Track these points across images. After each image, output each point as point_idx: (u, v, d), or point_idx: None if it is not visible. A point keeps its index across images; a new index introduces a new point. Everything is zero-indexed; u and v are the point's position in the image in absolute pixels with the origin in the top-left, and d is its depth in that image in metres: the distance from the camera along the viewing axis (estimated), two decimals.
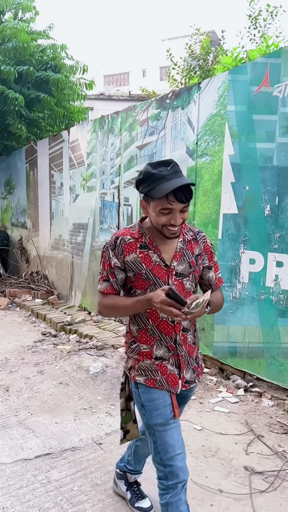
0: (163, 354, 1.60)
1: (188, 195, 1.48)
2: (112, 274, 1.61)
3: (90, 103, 20.47)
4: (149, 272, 1.56)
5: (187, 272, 1.60)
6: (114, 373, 3.55)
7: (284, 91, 3.03)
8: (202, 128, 3.76)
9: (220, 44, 14.77)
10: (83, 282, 5.79)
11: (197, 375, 1.71)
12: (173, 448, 1.57)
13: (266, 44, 9.78)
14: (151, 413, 1.58)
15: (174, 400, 1.61)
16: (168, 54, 13.47)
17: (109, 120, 5.05)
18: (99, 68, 37.76)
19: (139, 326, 1.63)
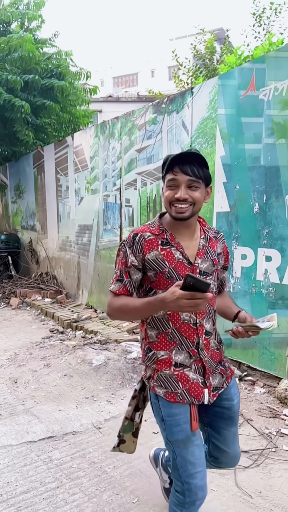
0: (184, 360, 1.47)
1: (196, 170, 1.41)
2: (126, 273, 1.49)
3: (99, 106, 20.80)
4: (172, 270, 1.45)
5: (211, 270, 1.52)
6: (116, 365, 3.76)
7: (268, 94, 3.20)
8: (196, 131, 3.94)
9: (225, 43, 14.89)
10: (89, 281, 6.01)
11: (226, 379, 1.57)
12: (193, 466, 1.46)
13: (269, 42, 9.89)
14: (171, 428, 1.46)
15: (194, 411, 1.47)
16: (174, 55, 13.65)
17: (110, 125, 5.27)
18: (108, 70, 38.11)
19: (158, 330, 1.50)
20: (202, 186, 1.45)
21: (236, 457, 1.68)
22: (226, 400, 1.55)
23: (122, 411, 3.02)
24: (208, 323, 1.51)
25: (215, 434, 1.58)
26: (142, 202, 4.79)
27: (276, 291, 3.22)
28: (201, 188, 1.45)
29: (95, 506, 2.04)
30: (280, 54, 3.12)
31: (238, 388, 1.66)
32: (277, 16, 13.80)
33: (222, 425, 1.57)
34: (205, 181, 1.46)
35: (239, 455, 1.69)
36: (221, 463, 1.70)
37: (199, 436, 1.50)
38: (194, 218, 1.50)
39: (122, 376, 3.59)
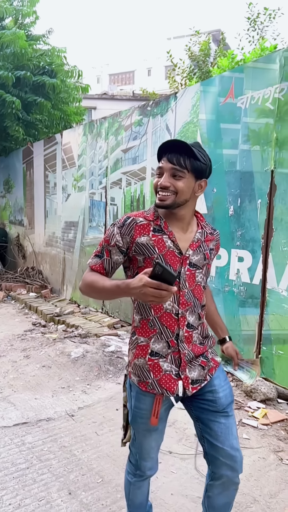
0: (161, 349, 1.45)
1: (182, 159, 1.40)
2: (107, 251, 1.48)
3: (93, 103, 20.86)
4: (161, 258, 1.43)
5: (202, 263, 1.51)
6: (93, 358, 3.89)
7: (246, 102, 3.35)
8: (178, 135, 4.08)
9: (220, 45, 15.06)
10: (74, 277, 6.13)
11: (209, 370, 1.52)
12: (147, 453, 1.56)
13: (261, 47, 10.09)
14: (135, 418, 1.51)
15: (157, 406, 1.45)
16: (169, 56, 13.79)
17: (98, 125, 5.39)
18: (105, 67, 38.10)
19: (141, 315, 1.49)
20: (189, 176, 1.42)
21: (237, 457, 1.48)
22: (209, 392, 1.49)
23: (96, 401, 3.17)
24: (192, 316, 1.47)
25: (206, 428, 1.50)
26: (127, 201, 4.93)
27: (247, 290, 3.38)
28: (186, 178, 1.41)
29: (61, 485, 2.17)
30: (257, 65, 3.28)
31: (226, 380, 1.56)
32: (271, 22, 14.03)
33: (210, 417, 1.49)
34: (194, 173, 1.42)
35: (239, 455, 1.50)
36: (220, 468, 1.49)
37: (160, 431, 1.55)
38: (184, 210, 1.47)
39: (98, 368, 3.72)
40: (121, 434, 2.20)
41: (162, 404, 1.48)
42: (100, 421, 2.86)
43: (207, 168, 1.47)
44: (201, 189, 1.48)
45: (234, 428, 1.51)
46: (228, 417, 1.50)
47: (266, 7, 13.47)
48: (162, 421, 1.53)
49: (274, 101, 3.09)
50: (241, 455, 1.51)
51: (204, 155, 1.45)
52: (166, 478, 2.25)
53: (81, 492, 2.12)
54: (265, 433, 2.73)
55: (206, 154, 1.47)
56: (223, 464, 1.48)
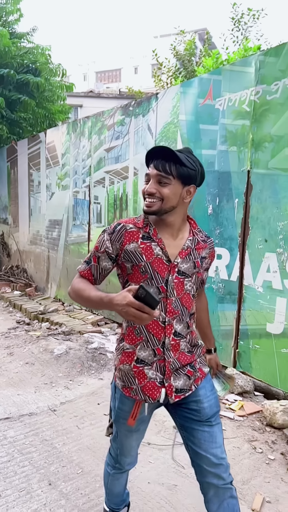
0: (147, 357, 1.46)
1: (168, 166, 1.39)
2: (95, 257, 1.49)
3: (80, 101, 20.79)
4: (148, 265, 1.43)
5: (191, 272, 1.48)
6: (76, 354, 3.95)
7: (223, 104, 3.45)
8: (159, 134, 4.16)
9: (205, 45, 15.18)
10: (58, 275, 6.17)
11: (195, 381, 1.50)
12: (127, 450, 1.62)
13: (244, 48, 10.24)
14: (118, 418, 1.55)
15: (136, 409, 1.48)
16: (154, 54, 13.85)
17: (81, 124, 5.43)
18: (91, 64, 37.94)
19: (128, 323, 1.50)
20: (175, 183, 1.41)
21: (222, 465, 1.46)
22: (194, 402, 1.49)
23: (78, 396, 3.23)
24: (179, 324, 1.47)
25: (190, 436, 1.49)
26: (110, 199, 4.99)
27: (225, 286, 3.48)
28: (172, 184, 1.40)
29: (41, 476, 2.24)
30: (234, 68, 3.37)
31: (213, 391, 1.55)
32: (255, 22, 14.20)
33: (193, 426, 1.48)
34: (181, 179, 1.41)
35: (225, 463, 1.47)
36: (206, 476, 1.47)
37: (141, 432, 1.59)
38: (173, 217, 1.46)
39: (81, 364, 3.79)
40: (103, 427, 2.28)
41: (144, 409, 1.51)
42: (81, 415, 2.93)
43: (197, 174, 1.45)
44: (189, 195, 1.45)
45: (218, 437, 1.48)
46: (212, 426, 1.48)
47: (249, 8, 13.65)
48: (144, 423, 1.58)
49: (250, 103, 3.19)
50: (227, 463, 1.48)
51: (193, 160, 1.44)
52: (144, 468, 2.33)
53: (61, 483, 2.19)
54: (241, 424, 2.83)
55: (196, 160, 1.46)
56: (208, 473, 1.46)
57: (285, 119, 2.96)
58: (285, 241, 2.97)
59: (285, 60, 2.93)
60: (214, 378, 1.86)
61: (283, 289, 2.98)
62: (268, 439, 2.63)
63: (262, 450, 2.52)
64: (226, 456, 1.50)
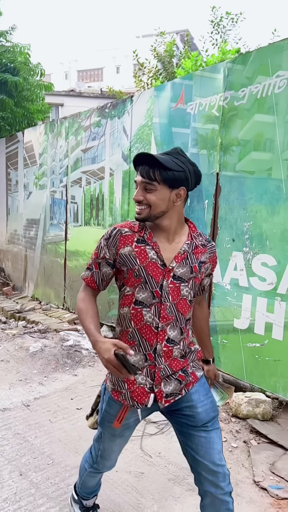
0: (137, 361, 1.45)
1: (152, 172, 1.37)
2: (96, 264, 1.50)
3: (61, 100, 20.69)
4: (141, 269, 1.42)
5: (187, 277, 1.45)
6: (51, 352, 4.02)
7: (195, 108, 3.57)
8: (134, 136, 4.26)
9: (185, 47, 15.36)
10: (35, 274, 6.20)
11: (186, 385, 1.48)
12: (108, 454, 1.64)
13: (222, 51, 10.44)
14: (104, 421, 1.56)
15: (122, 413, 1.48)
16: (135, 55, 13.95)
17: (58, 124, 5.49)
18: (73, 63, 37.74)
19: (122, 327, 1.50)
20: (161, 188, 1.38)
21: (219, 472, 1.44)
22: (187, 407, 1.48)
23: (52, 391, 3.30)
24: (173, 331, 1.44)
25: (187, 441, 1.49)
26: (86, 199, 5.06)
27: None
28: (159, 190, 1.38)
29: (13, 467, 2.30)
30: (204, 73, 3.50)
31: (208, 395, 1.53)
32: (233, 26, 14.48)
33: (190, 431, 1.47)
34: (166, 183, 1.39)
35: (223, 470, 1.45)
36: (203, 483, 1.46)
37: (125, 437, 1.60)
38: (167, 221, 1.44)
39: (56, 361, 3.85)
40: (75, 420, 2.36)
41: (133, 414, 1.51)
42: (54, 410, 3.00)
43: (187, 174, 1.41)
44: (180, 198, 1.43)
45: (216, 442, 1.47)
46: (209, 431, 1.46)
47: (228, 12, 13.91)
48: (129, 429, 1.58)
49: (219, 108, 3.33)
50: (225, 471, 1.45)
51: (181, 161, 1.41)
52: None
53: (32, 473, 2.27)
54: None
55: (186, 160, 1.43)
56: (205, 480, 1.45)
57: (251, 125, 3.10)
58: (251, 240, 3.12)
59: (251, 68, 3.08)
60: (212, 388, 1.82)
61: (248, 286, 3.13)
62: (232, 429, 2.77)
63: (226, 439, 2.65)
64: (226, 464, 1.47)
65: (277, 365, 2.95)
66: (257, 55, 3.04)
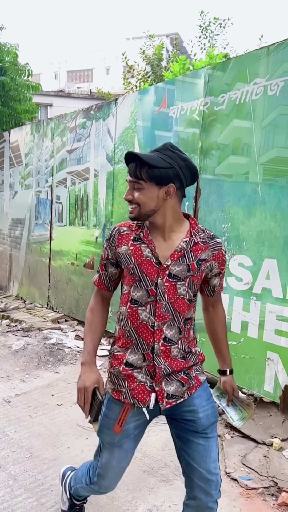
0: (136, 361, 1.43)
1: (138, 171, 1.36)
2: (102, 266, 1.53)
3: (50, 100, 20.67)
4: (136, 267, 1.41)
5: (184, 275, 1.40)
6: (34, 350, 4.06)
7: (176, 112, 3.67)
8: (118, 138, 4.34)
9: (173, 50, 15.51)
10: (20, 273, 6.22)
11: (189, 389, 1.44)
12: (106, 469, 1.53)
13: (209, 56, 10.60)
14: (102, 428, 1.49)
15: (123, 415, 1.43)
16: (124, 57, 14.04)
17: (44, 125, 5.54)
18: (63, 63, 37.65)
19: (120, 326, 1.50)
20: (148, 186, 1.36)
21: (212, 481, 1.44)
22: (188, 412, 1.44)
23: (33, 388, 3.35)
24: (170, 330, 1.40)
25: (184, 447, 1.46)
26: (71, 200, 5.12)
27: None
28: (146, 188, 1.36)
29: None
30: (186, 79, 3.60)
31: (209, 400, 1.49)
32: (221, 30, 14.68)
33: (188, 437, 1.45)
34: (154, 181, 1.36)
35: (216, 479, 1.45)
36: (194, 489, 1.46)
37: (125, 450, 1.49)
38: (161, 219, 1.41)
39: (38, 359, 3.90)
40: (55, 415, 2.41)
41: (133, 419, 1.45)
42: (35, 406, 3.05)
43: (177, 170, 1.37)
44: (169, 195, 1.38)
45: (214, 450, 1.45)
46: (208, 439, 1.44)
47: (216, 17, 14.12)
48: (128, 440, 1.48)
49: (200, 113, 3.43)
50: (218, 479, 1.46)
51: (169, 157, 1.37)
52: (90, 451, 2.47)
53: (10, 466, 2.32)
54: None
55: (174, 156, 1.38)
56: (197, 486, 1.44)
57: (230, 129, 3.21)
58: (229, 242, 3.22)
59: (230, 75, 3.19)
60: (231, 406, 1.69)
61: (226, 286, 3.22)
62: None
63: None
64: (220, 472, 1.48)
65: (252, 362, 3.05)
66: (236, 62, 3.16)
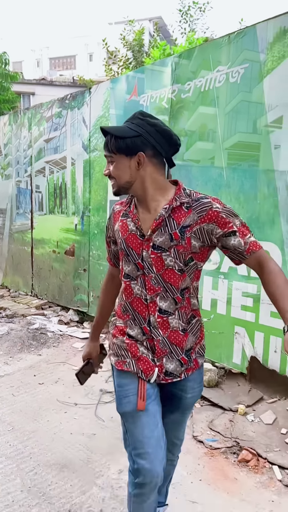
0: (136, 335, 1.42)
1: (110, 144, 1.32)
2: (108, 244, 1.58)
3: (32, 88, 20.42)
4: (123, 242, 1.40)
5: (167, 245, 1.33)
6: (17, 334, 4.21)
7: (147, 100, 3.78)
8: (93, 127, 4.44)
9: (153, 36, 15.41)
10: (4, 262, 6.33)
11: (186, 370, 1.43)
12: (141, 444, 1.38)
13: (188, 40, 10.61)
14: (120, 399, 1.43)
15: (142, 388, 1.39)
16: (104, 44, 13.94)
17: (21, 115, 5.59)
18: (44, 50, 36.96)
19: (119, 299, 1.52)
20: (118, 157, 1.32)
21: (177, 444, 1.63)
22: (179, 390, 1.46)
23: (16, 370, 3.50)
24: (164, 301, 1.37)
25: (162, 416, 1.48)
26: (50, 188, 5.21)
27: None
28: (117, 161, 1.32)
29: None
30: (155, 67, 3.71)
31: (200, 383, 1.52)
32: (201, 15, 14.64)
33: (169, 410, 1.50)
34: (122, 152, 1.31)
35: (180, 443, 1.65)
36: None
37: (152, 414, 1.40)
38: (139, 190, 1.35)
39: (22, 343, 4.05)
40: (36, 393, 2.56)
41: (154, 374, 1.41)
42: (17, 386, 3.21)
43: (142, 139, 1.31)
44: (140, 164, 1.32)
45: (185, 421, 1.59)
46: (184, 414, 1.55)
47: (195, 1, 14.07)
48: (152, 402, 1.41)
49: (168, 100, 3.54)
50: (182, 442, 1.66)
51: (136, 125, 1.32)
52: (68, 423, 2.67)
53: None
54: None
55: (141, 123, 1.33)
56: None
57: (196, 116, 3.34)
58: None
59: (195, 63, 3.30)
60: None
61: None
62: None
63: None
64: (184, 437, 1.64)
65: (221, 337, 3.24)
66: (200, 50, 3.27)
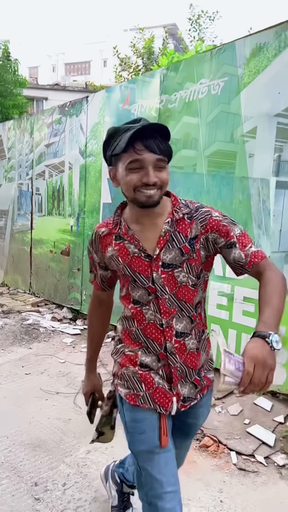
0: (150, 362, 1.27)
1: (161, 145, 1.15)
2: (95, 267, 1.42)
3: (45, 93, 20.87)
4: (126, 267, 1.25)
5: (179, 261, 1.22)
6: (11, 329, 4.42)
7: (137, 109, 3.98)
8: (90, 133, 4.66)
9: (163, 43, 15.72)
10: (5, 262, 6.57)
11: (200, 390, 1.33)
12: (160, 485, 1.22)
13: (195, 50, 10.87)
14: (134, 436, 1.28)
15: (164, 423, 1.25)
16: (115, 51, 14.29)
17: (25, 121, 5.85)
18: (60, 56, 37.70)
19: (123, 325, 1.35)
20: (165, 163, 1.19)
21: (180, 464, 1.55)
22: (192, 418, 1.36)
23: (6, 361, 3.71)
24: (180, 322, 1.25)
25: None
26: (49, 191, 5.44)
27: None
28: (167, 167, 1.20)
29: None
30: (145, 78, 3.91)
31: (209, 406, 1.43)
32: (210, 24, 14.90)
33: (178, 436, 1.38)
34: (169, 157, 1.21)
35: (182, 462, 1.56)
36: None
37: (169, 449, 1.27)
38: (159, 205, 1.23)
39: (14, 337, 4.26)
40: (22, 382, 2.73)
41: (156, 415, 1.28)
42: (5, 375, 3.41)
43: None
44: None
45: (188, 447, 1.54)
46: (191, 438, 1.49)
47: (203, 10, 14.34)
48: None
49: (157, 110, 3.74)
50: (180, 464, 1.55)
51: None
52: (47, 409, 2.85)
53: None
54: None
55: None
56: None
57: (181, 125, 3.53)
58: None
59: (181, 75, 3.50)
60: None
61: None
62: None
63: None
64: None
65: None
66: (186, 64, 3.47)
